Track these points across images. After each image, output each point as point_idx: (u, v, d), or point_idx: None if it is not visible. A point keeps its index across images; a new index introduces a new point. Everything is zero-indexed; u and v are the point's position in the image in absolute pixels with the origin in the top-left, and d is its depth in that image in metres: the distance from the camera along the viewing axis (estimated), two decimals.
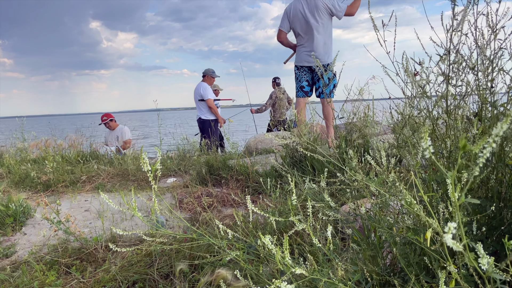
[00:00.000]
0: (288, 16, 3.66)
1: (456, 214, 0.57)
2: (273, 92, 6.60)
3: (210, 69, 5.95)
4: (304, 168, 2.66)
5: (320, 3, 3.53)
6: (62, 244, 2.03)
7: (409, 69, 1.17)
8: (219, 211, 2.51)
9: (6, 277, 1.69)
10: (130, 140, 6.08)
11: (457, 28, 1.05)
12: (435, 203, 0.95)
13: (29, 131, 5.74)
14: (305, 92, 3.71)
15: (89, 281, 1.61)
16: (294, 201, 0.95)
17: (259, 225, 1.88)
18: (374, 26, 1.15)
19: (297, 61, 3.73)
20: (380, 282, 1.02)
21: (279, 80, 6.73)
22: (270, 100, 6.58)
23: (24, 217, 2.58)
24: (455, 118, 1.07)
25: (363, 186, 1.10)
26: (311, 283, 0.98)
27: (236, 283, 1.30)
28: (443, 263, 0.85)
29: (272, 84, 6.78)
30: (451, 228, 0.50)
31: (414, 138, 1.21)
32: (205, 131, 5.80)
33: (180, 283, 1.50)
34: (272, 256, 0.98)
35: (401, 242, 1.01)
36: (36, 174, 3.69)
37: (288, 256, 0.79)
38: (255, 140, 5.09)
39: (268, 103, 6.63)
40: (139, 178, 3.71)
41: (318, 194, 1.56)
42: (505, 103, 1.06)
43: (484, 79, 1.09)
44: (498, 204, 0.99)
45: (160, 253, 1.73)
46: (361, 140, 2.70)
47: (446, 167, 1.06)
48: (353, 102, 3.05)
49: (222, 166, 3.34)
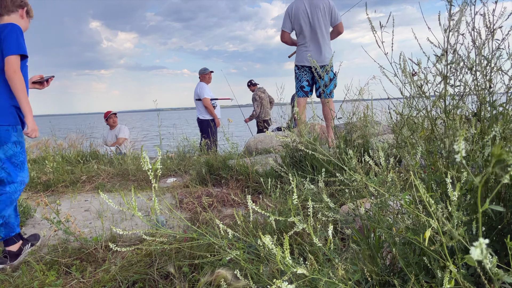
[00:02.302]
0: (290, 16, 3.68)
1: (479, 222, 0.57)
2: (255, 94, 6.67)
3: (202, 68, 6.00)
4: (304, 168, 2.66)
5: (321, 4, 3.55)
6: (62, 244, 2.04)
7: (407, 70, 1.18)
8: (219, 211, 2.51)
9: (6, 277, 1.69)
10: (124, 138, 6.04)
11: (454, 28, 1.05)
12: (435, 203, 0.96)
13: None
14: (305, 92, 3.72)
15: (89, 281, 1.61)
16: (295, 201, 0.95)
17: (259, 225, 1.88)
18: (372, 28, 1.15)
19: (298, 60, 3.74)
20: (380, 282, 1.03)
21: (254, 81, 6.82)
22: (257, 103, 6.64)
23: (24, 217, 2.58)
24: (454, 118, 1.07)
25: (362, 186, 1.11)
26: (311, 283, 0.98)
27: (236, 283, 1.30)
28: (442, 263, 0.85)
29: (250, 88, 6.82)
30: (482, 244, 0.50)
31: (413, 138, 1.22)
32: (204, 131, 5.80)
33: (180, 283, 1.50)
34: (272, 255, 0.99)
35: (400, 242, 1.01)
36: (36, 174, 3.69)
37: (288, 256, 0.79)
38: (255, 140, 5.09)
39: (256, 105, 6.68)
40: (139, 178, 3.71)
41: (318, 194, 1.57)
42: (504, 103, 1.06)
43: (482, 79, 1.09)
44: (498, 204, 0.99)
45: (160, 253, 1.74)
46: (361, 140, 2.71)
47: (445, 167, 1.07)
48: (353, 102, 3.06)
49: (222, 166, 3.35)
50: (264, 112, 6.46)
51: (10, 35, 2.01)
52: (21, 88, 2.00)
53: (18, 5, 2.17)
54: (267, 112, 6.46)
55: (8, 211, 2.05)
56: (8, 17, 2.15)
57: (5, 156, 2.03)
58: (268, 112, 6.46)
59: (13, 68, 1.97)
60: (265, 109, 6.46)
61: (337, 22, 3.66)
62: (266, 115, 6.46)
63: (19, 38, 2.03)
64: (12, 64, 1.97)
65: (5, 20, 2.14)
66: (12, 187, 2.03)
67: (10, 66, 1.97)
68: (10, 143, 2.03)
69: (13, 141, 2.04)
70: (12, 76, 1.97)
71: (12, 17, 2.15)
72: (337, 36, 3.80)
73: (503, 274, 0.64)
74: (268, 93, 6.65)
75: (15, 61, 1.99)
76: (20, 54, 2.01)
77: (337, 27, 3.69)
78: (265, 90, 6.59)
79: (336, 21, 3.65)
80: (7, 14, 2.15)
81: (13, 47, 1.99)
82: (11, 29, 2.02)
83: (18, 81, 1.98)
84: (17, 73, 1.98)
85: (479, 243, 0.51)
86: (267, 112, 6.45)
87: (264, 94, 6.47)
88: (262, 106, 6.44)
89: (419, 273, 0.94)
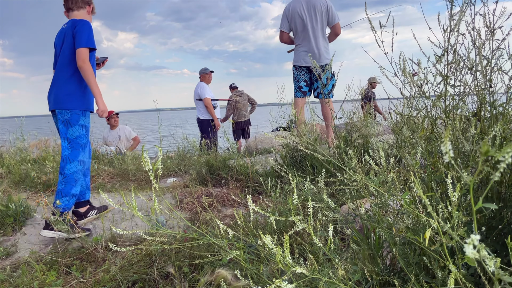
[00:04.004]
0: (287, 16, 3.68)
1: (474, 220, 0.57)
2: (229, 97, 6.87)
3: (202, 68, 6.06)
4: (304, 168, 2.66)
5: (318, 4, 3.54)
6: (62, 244, 2.04)
7: (407, 70, 1.18)
8: (219, 211, 2.51)
9: (6, 277, 1.69)
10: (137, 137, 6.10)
11: (454, 28, 1.05)
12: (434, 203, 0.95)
13: (29, 131, 5.74)
14: (303, 93, 3.71)
15: (89, 281, 1.61)
16: (295, 201, 0.95)
17: (259, 225, 1.88)
18: (372, 28, 1.15)
19: (295, 61, 3.74)
20: (380, 282, 1.03)
21: (234, 84, 7.13)
22: (229, 106, 6.92)
23: (24, 217, 2.58)
24: (454, 118, 1.07)
25: (362, 186, 1.11)
26: (311, 282, 0.98)
27: (236, 283, 1.30)
28: (442, 263, 0.85)
29: (231, 91, 7.13)
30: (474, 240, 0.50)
31: (413, 138, 1.22)
32: (204, 131, 5.80)
33: (180, 283, 1.50)
34: (273, 255, 0.99)
35: (400, 242, 1.01)
36: (36, 174, 3.69)
37: (288, 255, 0.79)
38: (255, 140, 5.09)
39: (228, 108, 6.98)
40: (139, 178, 3.71)
41: (318, 194, 1.57)
42: (504, 103, 1.06)
43: (482, 79, 1.09)
44: (498, 204, 0.99)
45: (160, 253, 1.73)
46: (361, 140, 2.71)
47: (445, 167, 1.07)
48: (353, 102, 3.05)
49: (222, 166, 3.35)
50: (237, 115, 6.77)
51: (82, 30, 2.31)
52: (91, 76, 2.30)
53: (86, 2, 2.49)
54: (242, 115, 6.77)
55: (77, 189, 2.38)
56: (78, 12, 2.46)
57: (72, 137, 2.34)
58: (243, 115, 6.77)
59: (82, 58, 2.27)
60: (239, 111, 6.75)
61: (334, 23, 3.64)
62: (240, 117, 6.76)
63: (90, 33, 2.33)
64: (81, 55, 2.27)
65: (75, 15, 2.45)
66: (72, 165, 2.34)
67: (80, 57, 2.27)
68: (77, 125, 2.35)
69: (80, 124, 2.36)
70: (82, 65, 2.27)
71: (81, 12, 2.47)
72: (335, 37, 3.78)
73: (503, 274, 0.64)
74: (249, 95, 6.96)
75: (84, 52, 2.28)
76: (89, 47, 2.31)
77: (334, 28, 3.68)
78: (242, 93, 6.90)
79: (333, 21, 3.64)
80: (77, 9, 2.46)
81: (84, 40, 2.29)
82: (83, 25, 2.33)
83: (87, 70, 2.29)
84: (86, 63, 2.28)
85: (471, 239, 0.51)
86: (241, 115, 6.76)
87: (240, 98, 6.74)
88: (236, 109, 6.73)
89: (419, 273, 0.94)
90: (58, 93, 2.33)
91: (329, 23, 3.65)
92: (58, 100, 2.32)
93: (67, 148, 2.33)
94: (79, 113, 2.34)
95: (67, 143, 2.33)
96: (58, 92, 2.33)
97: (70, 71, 2.34)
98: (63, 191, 2.32)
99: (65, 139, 2.34)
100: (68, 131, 2.32)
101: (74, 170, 2.34)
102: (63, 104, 2.31)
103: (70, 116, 2.32)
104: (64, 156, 2.33)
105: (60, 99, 2.32)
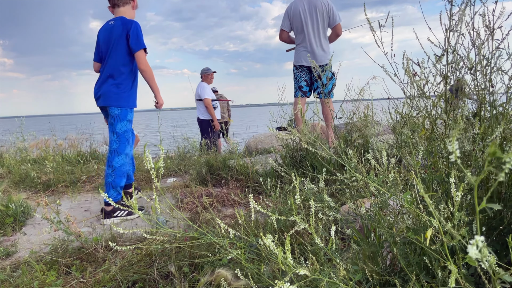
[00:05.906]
0: (289, 15, 3.69)
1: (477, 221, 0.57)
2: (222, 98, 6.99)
3: (204, 68, 6.05)
4: (304, 168, 2.66)
5: (319, 4, 3.55)
6: (62, 244, 2.03)
7: (409, 70, 1.18)
8: (219, 211, 2.51)
9: (6, 277, 1.69)
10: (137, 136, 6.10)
11: (454, 28, 1.05)
12: (436, 202, 0.96)
13: (29, 131, 5.74)
14: (303, 92, 3.72)
15: (89, 281, 1.61)
16: (297, 200, 0.95)
17: (259, 225, 1.88)
18: (371, 28, 1.15)
19: (296, 60, 3.75)
20: (380, 282, 1.03)
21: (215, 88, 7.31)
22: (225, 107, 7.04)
23: (24, 217, 2.58)
24: (454, 118, 1.08)
25: (363, 186, 1.11)
26: (312, 282, 0.98)
27: (236, 283, 1.30)
28: (443, 262, 0.85)
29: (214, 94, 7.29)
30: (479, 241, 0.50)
31: (414, 138, 1.22)
32: (204, 131, 5.80)
33: (180, 283, 1.50)
34: (273, 255, 0.99)
35: (401, 242, 1.02)
36: (36, 174, 3.69)
37: (289, 256, 0.79)
38: (255, 140, 5.09)
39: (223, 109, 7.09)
40: (139, 178, 3.71)
41: (318, 194, 1.57)
42: (504, 103, 1.06)
43: (482, 79, 1.09)
44: (498, 204, 1.00)
45: (160, 253, 1.73)
46: (361, 140, 2.71)
47: (446, 167, 1.07)
48: (353, 102, 3.05)
49: (222, 166, 3.35)
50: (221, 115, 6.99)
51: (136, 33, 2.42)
52: (152, 77, 2.51)
53: None
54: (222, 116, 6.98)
55: (123, 181, 2.54)
56: (124, 8, 2.53)
57: (120, 131, 2.50)
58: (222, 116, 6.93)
59: (144, 62, 2.44)
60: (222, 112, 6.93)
61: (336, 23, 3.65)
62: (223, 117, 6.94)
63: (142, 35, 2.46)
64: (142, 59, 2.43)
65: (120, 11, 2.53)
66: (120, 158, 2.50)
67: (141, 61, 2.43)
68: (126, 120, 2.52)
69: (128, 119, 2.53)
70: (145, 69, 2.45)
71: (127, 8, 2.54)
72: (336, 38, 3.79)
73: (503, 273, 0.64)
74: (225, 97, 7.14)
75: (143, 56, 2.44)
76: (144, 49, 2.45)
77: (335, 29, 3.69)
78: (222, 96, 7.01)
79: (335, 22, 3.64)
80: (122, 5, 2.53)
81: (140, 43, 2.42)
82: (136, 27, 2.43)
83: (149, 72, 2.48)
84: (148, 65, 2.46)
85: (475, 240, 0.51)
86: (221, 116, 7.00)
87: None
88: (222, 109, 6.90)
89: (419, 273, 0.94)
90: (110, 92, 2.48)
91: (330, 24, 3.66)
92: (111, 98, 2.48)
93: (115, 141, 2.49)
94: (128, 110, 2.52)
95: (116, 137, 2.49)
96: (110, 90, 2.48)
97: (125, 72, 2.49)
98: (114, 183, 2.47)
99: (114, 133, 2.50)
100: (117, 126, 2.49)
101: (122, 163, 2.50)
102: (115, 102, 2.48)
103: (120, 112, 2.49)
104: (112, 150, 2.48)
105: (113, 98, 2.48)
